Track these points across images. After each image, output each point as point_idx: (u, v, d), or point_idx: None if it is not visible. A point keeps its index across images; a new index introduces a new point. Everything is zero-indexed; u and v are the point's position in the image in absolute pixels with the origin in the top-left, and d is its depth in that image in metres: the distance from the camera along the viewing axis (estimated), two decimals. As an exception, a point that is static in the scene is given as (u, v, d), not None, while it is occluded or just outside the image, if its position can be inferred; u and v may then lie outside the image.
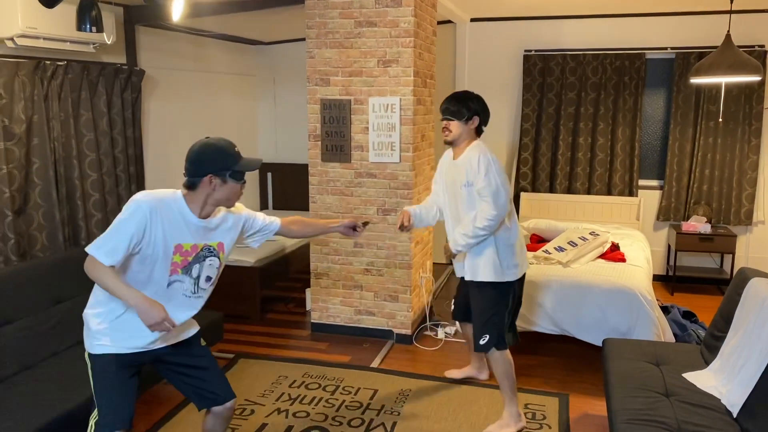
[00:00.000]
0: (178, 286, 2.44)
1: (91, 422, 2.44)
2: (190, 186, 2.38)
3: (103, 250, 2.24)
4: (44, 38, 3.74)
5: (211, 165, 2.35)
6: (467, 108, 3.29)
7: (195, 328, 2.67)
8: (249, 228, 2.67)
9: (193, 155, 2.38)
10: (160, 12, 4.39)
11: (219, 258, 2.53)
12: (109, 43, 4.02)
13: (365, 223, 2.99)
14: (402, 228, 3.52)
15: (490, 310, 3.34)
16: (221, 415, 2.66)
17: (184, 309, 2.50)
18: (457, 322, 4.44)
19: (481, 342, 3.35)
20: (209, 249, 2.49)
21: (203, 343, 2.68)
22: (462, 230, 3.28)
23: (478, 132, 3.38)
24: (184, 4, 3.07)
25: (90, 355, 2.44)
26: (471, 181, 3.25)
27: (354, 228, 2.94)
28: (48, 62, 3.87)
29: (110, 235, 2.26)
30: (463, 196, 3.31)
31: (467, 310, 3.63)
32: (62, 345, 3.39)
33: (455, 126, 3.31)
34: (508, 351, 3.38)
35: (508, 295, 3.36)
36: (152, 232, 2.30)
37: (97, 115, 4.31)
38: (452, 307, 3.83)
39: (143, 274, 2.37)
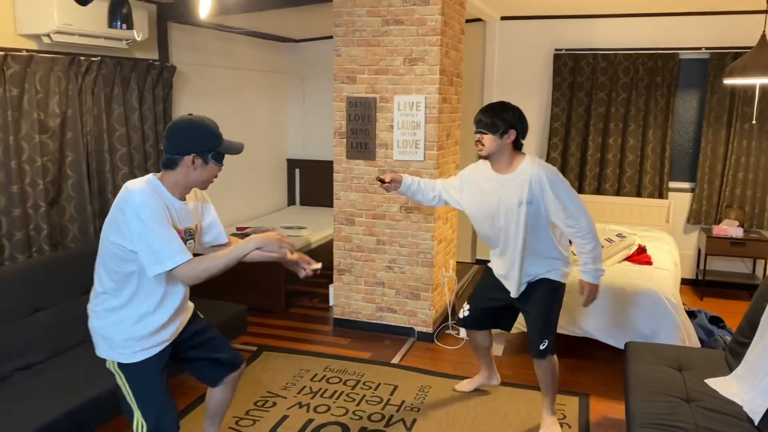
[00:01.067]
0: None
1: None
2: (170, 164, 2.28)
3: (178, 256, 2.18)
4: (79, 34, 3.84)
5: (197, 144, 2.26)
6: (502, 120, 3.02)
7: (192, 306, 2.71)
8: (205, 220, 2.58)
9: (176, 132, 2.27)
10: (191, 9, 4.48)
11: (194, 240, 2.48)
12: (138, 40, 4.11)
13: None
14: (380, 181, 3.39)
15: (550, 311, 3.23)
16: (232, 381, 2.72)
17: (181, 290, 2.49)
18: (464, 330, 3.92)
19: (542, 347, 3.21)
20: (190, 232, 2.43)
21: (201, 315, 2.76)
22: (586, 262, 3.06)
23: (517, 146, 3.11)
24: (211, 2, 3.12)
25: (121, 365, 2.37)
26: (534, 199, 3.02)
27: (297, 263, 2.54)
28: (82, 58, 3.98)
29: (163, 241, 2.18)
30: (522, 215, 3.05)
31: (487, 319, 3.49)
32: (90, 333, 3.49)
33: (488, 140, 3.05)
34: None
35: (562, 297, 3.30)
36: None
37: (128, 110, 4.41)
38: (465, 312, 3.51)
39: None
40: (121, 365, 2.38)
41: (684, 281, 5.87)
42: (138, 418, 2.40)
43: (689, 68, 5.83)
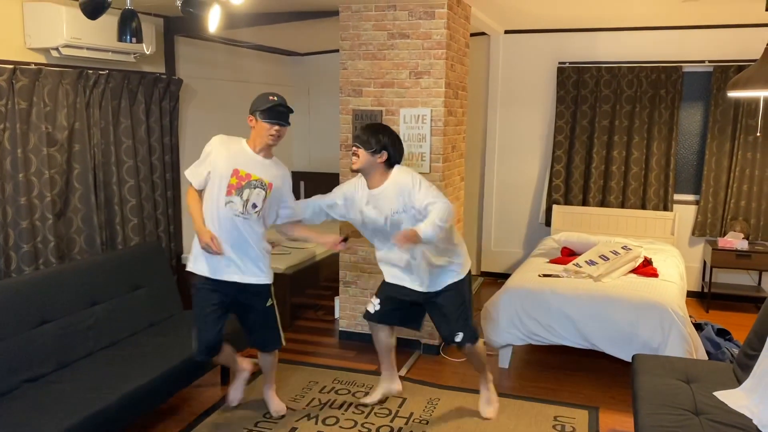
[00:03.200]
0: (231, 207, 3.14)
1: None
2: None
3: (189, 172, 3.23)
4: (87, 48, 3.88)
5: (252, 106, 3.18)
6: (377, 140, 3.25)
7: (262, 279, 3.33)
8: (279, 194, 3.30)
9: None
10: (198, 23, 4.51)
11: (266, 193, 3.21)
12: (148, 53, 4.15)
13: (345, 239, 3.32)
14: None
15: (463, 307, 3.50)
16: (264, 358, 3.57)
17: (235, 232, 3.17)
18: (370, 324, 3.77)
19: (457, 339, 3.48)
20: (261, 182, 3.19)
21: (269, 303, 3.40)
22: (426, 224, 3.09)
23: (389, 166, 3.32)
24: (220, 16, 3.16)
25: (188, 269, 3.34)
26: (406, 207, 3.23)
27: (341, 241, 3.40)
28: (90, 71, 4.01)
29: (196, 164, 3.22)
30: (401, 222, 3.27)
31: (398, 313, 3.62)
32: (97, 345, 3.49)
33: (362, 154, 3.27)
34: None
35: (470, 289, 3.58)
36: (216, 156, 3.17)
37: (135, 123, 4.44)
38: (376, 306, 3.60)
39: (211, 190, 3.16)
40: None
41: (690, 294, 5.86)
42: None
43: (693, 81, 5.86)
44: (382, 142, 3.26)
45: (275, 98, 3.13)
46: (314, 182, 7.03)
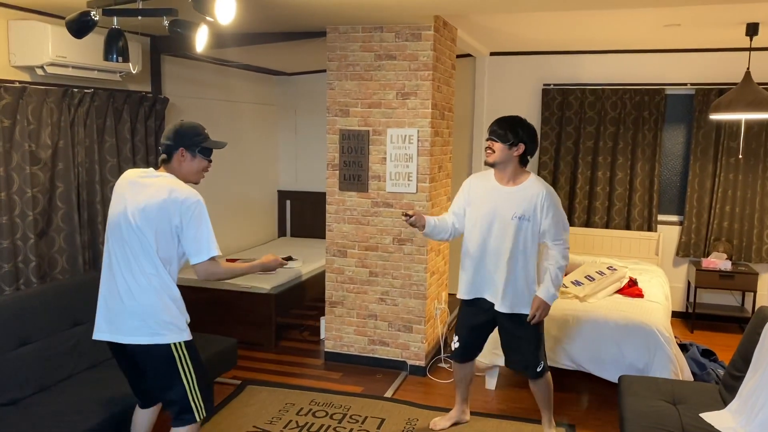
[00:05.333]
0: None
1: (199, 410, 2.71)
2: (167, 158, 2.72)
3: (215, 247, 2.66)
4: (73, 66, 3.85)
5: (184, 140, 2.70)
6: (514, 133, 3.24)
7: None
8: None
9: (168, 132, 2.73)
10: (185, 42, 4.51)
11: None
12: (134, 72, 4.13)
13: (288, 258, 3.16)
14: (407, 216, 3.34)
15: (540, 335, 3.42)
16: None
17: None
18: (454, 362, 3.75)
19: (539, 369, 3.40)
20: None
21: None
22: (547, 284, 3.23)
23: (523, 161, 3.32)
24: (207, 36, 3.15)
25: (184, 343, 2.67)
26: (528, 216, 3.22)
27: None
28: (75, 90, 3.98)
29: (211, 233, 2.66)
30: (513, 227, 3.24)
31: (477, 342, 3.60)
32: (79, 367, 3.43)
33: (498, 148, 3.26)
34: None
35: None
36: None
37: (120, 142, 4.41)
38: (456, 344, 3.61)
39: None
40: (184, 343, 2.68)
41: (674, 314, 5.88)
42: (196, 401, 2.69)
43: (675, 103, 5.94)
44: (520, 135, 3.25)
45: (206, 131, 2.82)
46: (299, 201, 7.01)
